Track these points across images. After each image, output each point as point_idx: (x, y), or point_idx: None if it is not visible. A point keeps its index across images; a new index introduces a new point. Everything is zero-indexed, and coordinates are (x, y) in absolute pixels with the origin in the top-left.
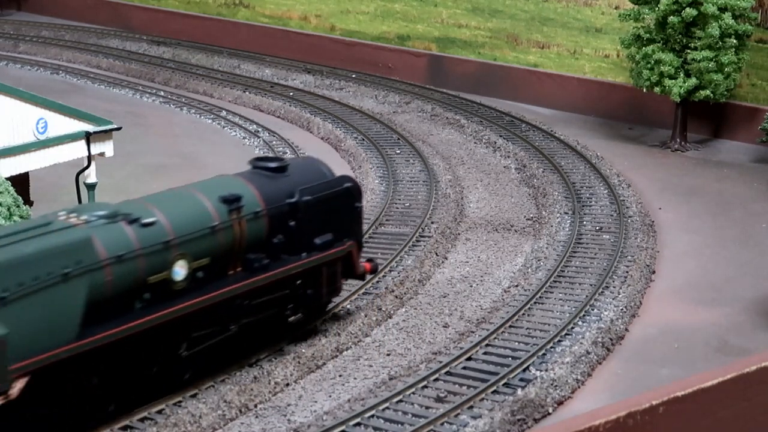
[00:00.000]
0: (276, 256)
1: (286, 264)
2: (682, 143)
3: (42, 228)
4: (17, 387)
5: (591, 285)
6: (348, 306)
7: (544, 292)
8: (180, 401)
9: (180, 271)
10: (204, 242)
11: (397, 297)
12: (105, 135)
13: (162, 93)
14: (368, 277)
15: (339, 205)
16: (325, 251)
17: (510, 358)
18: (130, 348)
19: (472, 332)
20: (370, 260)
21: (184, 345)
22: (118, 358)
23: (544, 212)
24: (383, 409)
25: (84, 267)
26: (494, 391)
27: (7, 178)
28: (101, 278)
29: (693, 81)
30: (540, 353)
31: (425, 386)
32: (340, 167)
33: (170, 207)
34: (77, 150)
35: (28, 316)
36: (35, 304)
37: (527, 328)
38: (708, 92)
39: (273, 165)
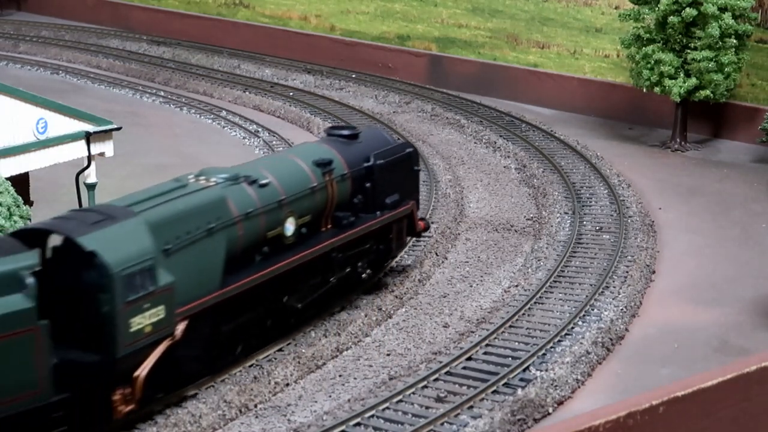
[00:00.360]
0: (357, 214)
1: (366, 222)
2: (682, 143)
3: (181, 189)
4: (179, 330)
5: (591, 285)
6: (348, 306)
7: (544, 292)
8: (180, 401)
9: (290, 227)
10: (306, 201)
11: (397, 297)
12: (105, 135)
13: (162, 93)
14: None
15: (403, 168)
16: (394, 210)
17: (510, 358)
18: (252, 297)
19: (472, 332)
20: (422, 219)
21: (293, 296)
22: (243, 306)
23: (544, 212)
24: (383, 409)
25: (223, 223)
26: (494, 391)
27: (7, 178)
28: (235, 233)
29: (693, 81)
30: (540, 353)
31: (425, 386)
32: None
33: (277, 170)
34: (77, 150)
35: (184, 267)
36: (189, 256)
37: (527, 328)
38: (708, 92)
39: (347, 133)
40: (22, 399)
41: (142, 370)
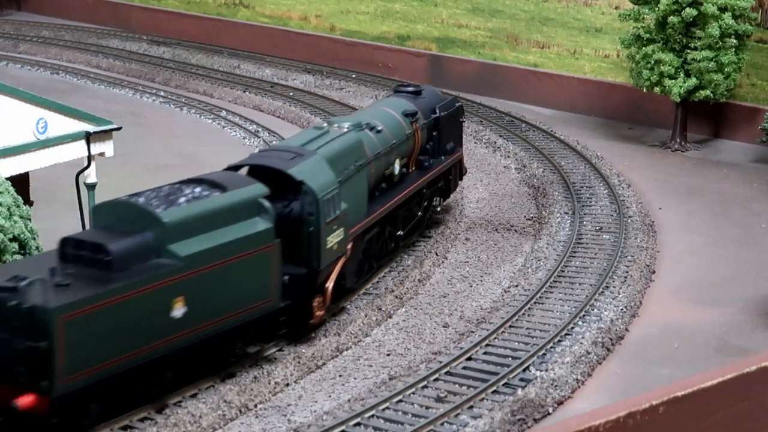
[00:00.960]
0: (429, 158)
1: (438, 164)
2: (682, 143)
3: (327, 135)
4: (349, 248)
5: (591, 285)
6: (348, 306)
7: (544, 292)
8: (180, 401)
9: (397, 167)
10: (404, 146)
11: (397, 297)
12: (105, 135)
13: (162, 93)
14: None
15: (456, 119)
16: (452, 155)
17: (510, 358)
18: (379, 224)
19: (472, 332)
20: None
21: (396, 224)
22: (374, 230)
23: (544, 212)
24: (383, 409)
25: (363, 161)
26: (494, 391)
27: (7, 178)
28: (369, 171)
29: (693, 81)
30: (540, 353)
31: (425, 386)
32: None
33: (382, 119)
34: (77, 150)
35: (347, 197)
36: (349, 189)
37: (527, 328)
38: (708, 92)
39: (412, 89)
40: (260, 306)
41: (330, 282)
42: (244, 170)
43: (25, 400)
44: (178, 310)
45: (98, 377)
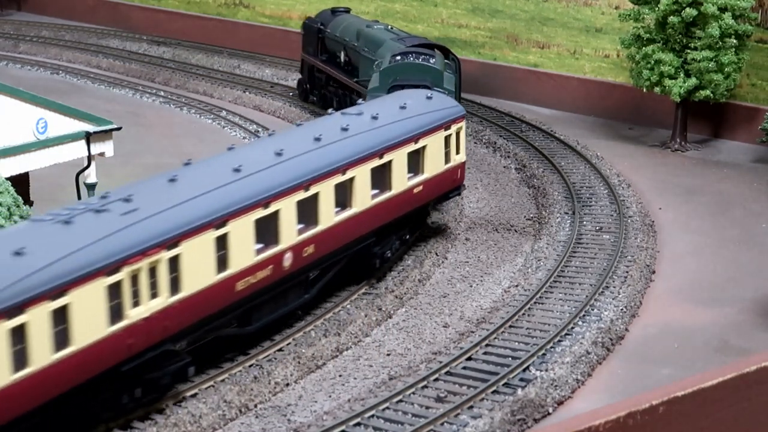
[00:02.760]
0: None
1: None
2: (682, 143)
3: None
4: None
5: (591, 285)
6: (348, 306)
7: (544, 292)
8: (180, 401)
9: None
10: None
11: (397, 297)
12: (105, 135)
13: (162, 93)
14: None
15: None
16: None
17: (510, 358)
18: None
19: (472, 332)
20: None
21: None
22: None
23: (544, 212)
24: (383, 409)
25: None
26: (494, 391)
27: (7, 178)
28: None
29: (693, 81)
30: (540, 353)
31: (425, 386)
32: None
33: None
34: (77, 150)
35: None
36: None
37: (527, 328)
38: (708, 92)
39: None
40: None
41: None
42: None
43: None
44: None
45: None
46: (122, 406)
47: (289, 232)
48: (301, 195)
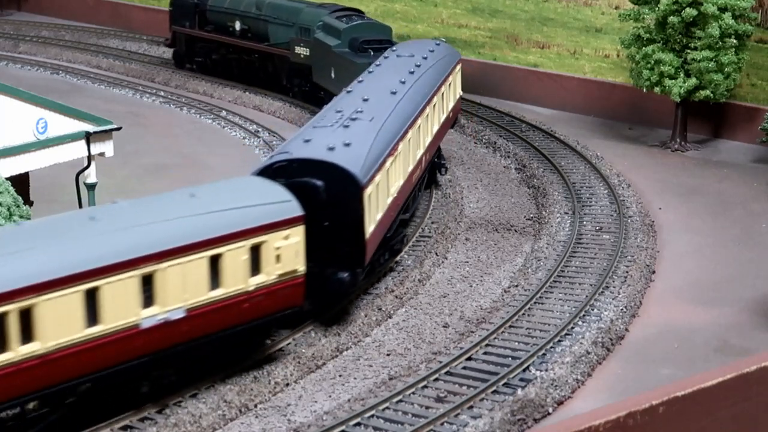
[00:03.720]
0: None
1: None
2: (682, 143)
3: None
4: None
5: (591, 285)
6: (348, 306)
7: (544, 292)
8: (180, 401)
9: None
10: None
11: (397, 297)
12: (105, 135)
13: (162, 93)
14: None
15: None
16: None
17: (510, 358)
18: None
19: (472, 332)
20: None
21: None
22: None
23: (544, 212)
24: (383, 409)
25: None
26: (494, 391)
27: (7, 178)
28: None
29: (693, 81)
30: (540, 353)
31: (425, 386)
32: None
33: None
34: (77, 150)
35: None
36: None
37: (527, 328)
38: (708, 92)
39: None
40: None
41: None
42: None
43: None
44: None
45: None
46: None
47: None
48: None
